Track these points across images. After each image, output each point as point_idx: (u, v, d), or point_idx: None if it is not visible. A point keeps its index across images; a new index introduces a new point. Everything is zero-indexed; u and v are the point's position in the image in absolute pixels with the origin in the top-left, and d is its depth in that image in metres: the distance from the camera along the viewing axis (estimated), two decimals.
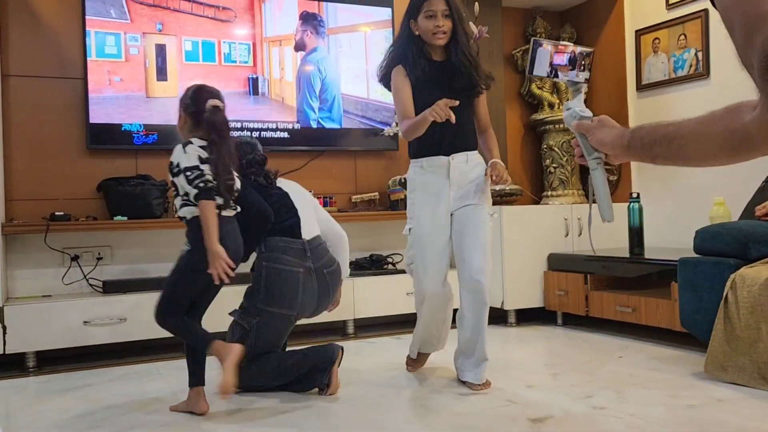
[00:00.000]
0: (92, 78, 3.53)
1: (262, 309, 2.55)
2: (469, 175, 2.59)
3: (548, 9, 4.71)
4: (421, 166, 2.59)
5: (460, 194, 2.58)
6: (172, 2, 3.71)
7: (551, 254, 3.98)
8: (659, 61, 4.11)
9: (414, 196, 2.62)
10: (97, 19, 3.55)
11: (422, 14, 2.52)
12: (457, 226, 2.59)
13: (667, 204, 4.07)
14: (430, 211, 2.57)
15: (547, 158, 4.53)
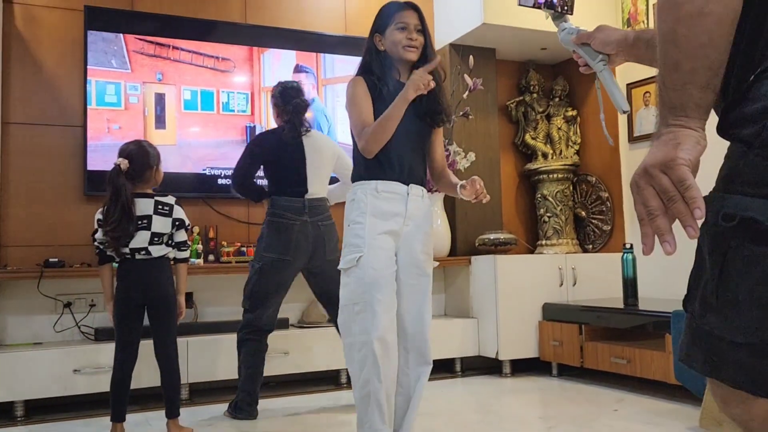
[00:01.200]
0: (91, 126, 3.57)
1: (263, 255, 3.05)
2: (424, 212, 2.29)
3: (541, 62, 4.81)
4: (375, 189, 2.21)
5: (410, 239, 2.25)
6: (173, 53, 3.78)
7: (546, 304, 3.97)
8: (650, 114, 4.18)
9: (365, 221, 2.19)
10: (98, 69, 3.61)
11: (392, 26, 2.26)
12: (403, 274, 2.25)
13: (661, 254, 4.07)
14: (382, 240, 2.18)
15: (542, 207, 4.56)
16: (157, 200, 2.69)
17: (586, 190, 4.60)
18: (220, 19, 3.96)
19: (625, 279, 3.64)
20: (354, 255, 2.17)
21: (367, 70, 2.30)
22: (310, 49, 4.12)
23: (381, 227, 2.20)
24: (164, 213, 2.69)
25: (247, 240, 3.92)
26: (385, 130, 2.17)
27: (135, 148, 2.70)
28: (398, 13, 2.27)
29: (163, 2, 3.86)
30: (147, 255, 2.65)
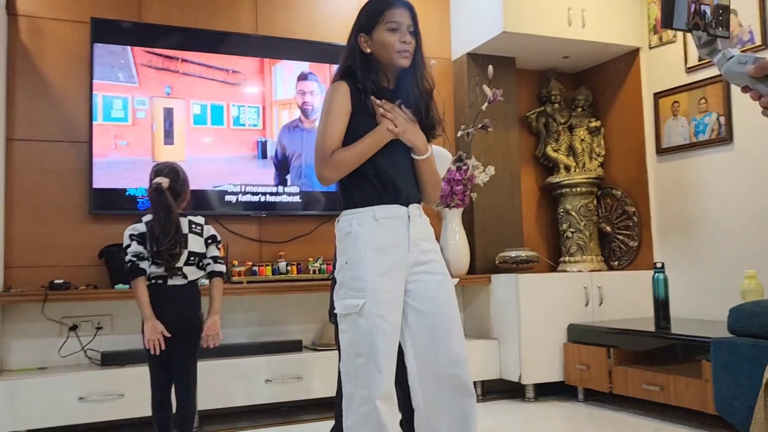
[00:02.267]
0: (97, 142, 3.45)
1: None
2: (425, 232, 2.01)
3: (563, 71, 4.64)
4: (372, 218, 1.90)
5: (418, 258, 1.96)
6: (182, 65, 3.65)
7: (571, 325, 3.79)
8: (679, 125, 4.00)
9: (361, 258, 1.89)
10: (105, 83, 3.49)
11: (382, 26, 1.94)
12: (417, 302, 1.94)
13: (692, 272, 3.90)
14: (387, 280, 1.89)
15: (564, 222, 4.39)
16: (190, 219, 2.68)
17: (611, 205, 4.41)
18: (231, 31, 3.83)
19: (657, 299, 3.46)
20: (355, 301, 1.87)
21: (350, 74, 1.97)
22: (322, 60, 3.98)
23: (384, 264, 1.89)
24: (197, 232, 2.68)
25: (259, 259, 3.78)
26: (353, 165, 1.92)
27: (172, 168, 2.68)
28: (389, 10, 1.95)
29: (171, 14, 3.73)
30: (182, 279, 2.61)
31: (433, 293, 1.94)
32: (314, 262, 3.75)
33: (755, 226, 3.55)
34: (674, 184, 4.03)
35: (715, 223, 3.78)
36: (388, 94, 1.99)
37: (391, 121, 1.92)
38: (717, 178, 3.78)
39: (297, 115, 3.90)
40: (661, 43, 4.12)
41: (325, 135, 1.91)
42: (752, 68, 1.10)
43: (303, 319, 3.84)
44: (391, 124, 1.92)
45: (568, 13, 4.01)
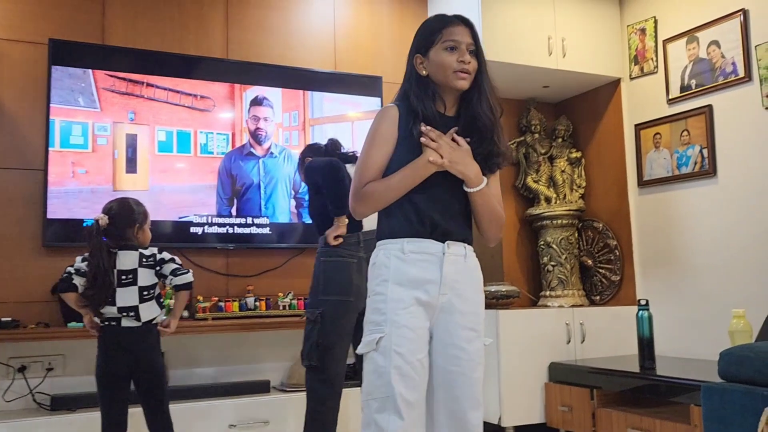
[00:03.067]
0: (54, 170, 3.25)
1: (323, 299, 2.73)
2: (466, 276, 1.80)
3: (543, 100, 4.55)
4: (400, 250, 1.75)
5: (449, 312, 1.76)
6: (147, 90, 3.48)
7: (552, 364, 3.64)
8: (661, 157, 3.90)
9: (386, 291, 1.73)
10: (64, 108, 3.30)
11: (439, 45, 1.78)
12: (440, 357, 1.75)
13: (676, 308, 3.77)
14: (410, 315, 1.71)
15: (545, 255, 4.25)
16: (141, 252, 2.57)
17: (593, 237, 4.29)
18: (201, 55, 3.68)
19: (641, 338, 3.32)
20: (373, 336, 1.70)
21: (404, 99, 1.82)
22: (296, 86, 3.84)
23: (408, 298, 1.72)
24: (149, 265, 2.56)
25: (226, 294, 3.58)
26: (385, 201, 1.76)
27: (118, 205, 2.59)
28: (447, 29, 1.79)
29: (137, 36, 3.57)
30: (135, 320, 2.49)
31: (460, 351, 1.75)
32: (284, 297, 3.57)
33: (740, 261, 3.44)
34: (657, 218, 3.92)
35: (699, 257, 3.67)
36: (445, 120, 1.82)
37: (435, 151, 1.73)
38: (700, 212, 3.67)
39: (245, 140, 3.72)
40: (642, 74, 4.04)
41: (362, 165, 1.78)
42: None
43: (272, 357, 3.64)
44: (434, 154, 1.73)
45: (549, 42, 3.92)
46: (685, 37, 3.76)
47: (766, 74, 3.32)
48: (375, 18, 4.16)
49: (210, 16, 3.76)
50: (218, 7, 3.78)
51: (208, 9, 3.76)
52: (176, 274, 2.58)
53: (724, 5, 3.54)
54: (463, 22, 1.82)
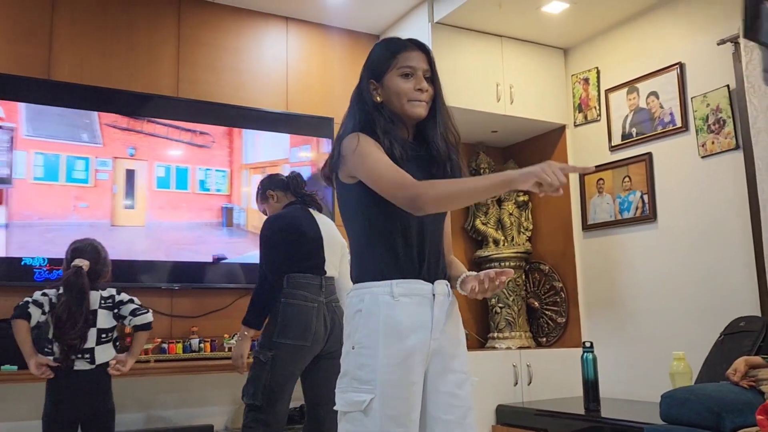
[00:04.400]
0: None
1: (277, 342, 2.67)
2: (452, 317, 1.67)
3: (491, 145, 4.65)
4: (390, 293, 1.58)
5: (441, 357, 1.63)
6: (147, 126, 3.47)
7: (500, 406, 3.64)
8: (604, 202, 4.02)
9: (377, 344, 1.56)
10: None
11: (394, 71, 1.67)
12: (432, 406, 1.62)
13: (619, 351, 3.84)
14: (403, 372, 1.55)
15: (493, 297, 4.29)
16: (101, 295, 2.57)
17: (539, 280, 4.36)
18: (150, 92, 3.64)
19: (586, 380, 3.37)
20: (361, 396, 1.53)
21: (367, 127, 1.65)
22: (247, 126, 3.83)
23: (401, 352, 1.55)
24: (107, 306, 2.56)
25: (169, 335, 3.49)
26: (461, 199, 1.56)
27: (93, 248, 2.60)
28: (402, 54, 1.68)
29: (84, 72, 3.52)
30: (89, 362, 2.46)
31: (453, 398, 1.63)
32: (230, 338, 3.49)
33: (681, 305, 3.54)
34: (601, 261, 4.02)
35: (641, 301, 3.76)
36: (413, 148, 1.68)
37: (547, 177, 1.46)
38: (642, 256, 3.78)
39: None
40: (586, 121, 4.18)
41: (387, 167, 1.56)
42: None
43: (216, 400, 3.55)
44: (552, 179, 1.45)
45: (497, 88, 4.03)
46: (626, 88, 3.92)
47: (701, 125, 3.48)
48: (327, 60, 4.21)
49: (161, 54, 3.75)
50: (169, 45, 3.77)
51: (159, 47, 3.75)
52: (135, 314, 2.57)
53: (661, 58, 3.71)
54: (418, 46, 1.71)
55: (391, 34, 4.22)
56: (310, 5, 4.01)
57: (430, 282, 1.62)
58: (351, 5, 4.00)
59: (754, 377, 2.47)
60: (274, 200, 2.98)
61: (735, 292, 3.28)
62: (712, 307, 3.36)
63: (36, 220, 3.24)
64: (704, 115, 3.46)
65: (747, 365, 2.51)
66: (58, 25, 3.50)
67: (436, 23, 3.90)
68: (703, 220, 3.46)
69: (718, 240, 3.38)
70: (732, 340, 2.98)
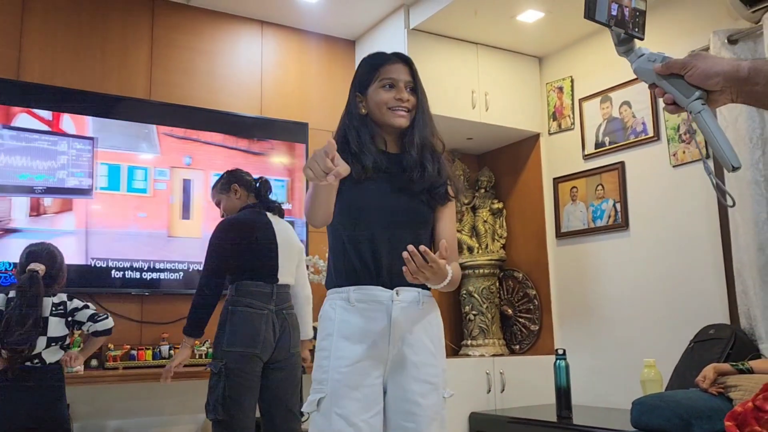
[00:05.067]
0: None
1: (226, 350, 2.64)
2: (420, 325, 1.67)
3: (466, 152, 4.67)
4: (345, 299, 1.64)
5: (401, 365, 1.64)
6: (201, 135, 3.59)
7: (473, 413, 3.64)
8: (578, 210, 4.05)
9: (329, 345, 1.62)
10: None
11: (376, 83, 1.75)
12: (393, 414, 1.63)
13: (592, 358, 3.86)
14: (355, 373, 1.59)
15: (467, 305, 4.30)
16: (53, 302, 2.53)
17: (513, 287, 4.37)
18: (122, 95, 3.59)
19: (558, 388, 3.37)
20: (315, 396, 1.60)
21: (343, 141, 1.74)
22: (222, 131, 3.79)
23: (354, 354, 1.59)
24: (60, 313, 2.50)
25: (139, 342, 3.43)
26: (311, 208, 1.58)
27: (50, 252, 2.57)
28: (385, 66, 1.77)
29: (55, 73, 3.46)
30: (38, 363, 2.39)
31: (414, 407, 1.62)
32: (201, 345, 3.45)
33: (651, 312, 3.57)
34: (573, 269, 4.04)
35: (613, 308, 3.79)
36: (388, 158, 1.75)
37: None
38: (614, 264, 3.81)
39: None
40: (560, 129, 4.21)
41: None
42: (659, 66, 1.12)
43: (186, 409, 3.49)
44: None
45: (472, 96, 4.05)
46: (600, 97, 3.96)
47: (672, 134, 3.52)
48: (303, 65, 4.19)
49: (133, 56, 3.70)
50: (142, 47, 3.73)
51: (132, 49, 3.70)
52: (95, 319, 2.53)
53: None
54: (401, 59, 1.80)
55: (367, 39, 4.22)
56: (285, 9, 4.00)
57: (390, 289, 1.65)
58: (327, 10, 3.99)
59: (722, 384, 2.51)
60: (236, 196, 2.92)
61: (705, 300, 3.32)
62: (683, 314, 3.39)
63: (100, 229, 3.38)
64: (676, 125, 3.50)
65: (716, 372, 2.55)
66: (28, 25, 3.44)
67: (412, 29, 3.90)
68: (674, 228, 3.50)
69: (688, 248, 3.42)
70: (702, 347, 3.02)
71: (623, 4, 1.18)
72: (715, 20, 3.33)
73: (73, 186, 3.35)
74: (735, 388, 2.46)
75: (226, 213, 2.94)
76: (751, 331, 3.02)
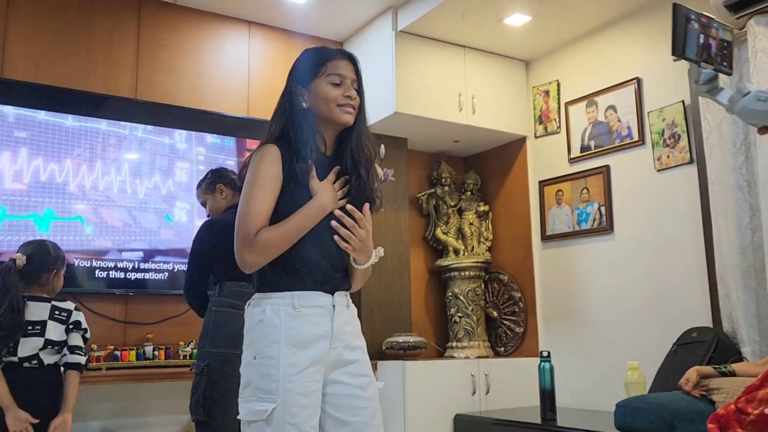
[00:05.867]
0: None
1: (209, 351, 2.61)
2: (351, 326, 1.72)
3: (453, 154, 4.68)
4: (291, 305, 1.62)
5: (342, 356, 1.67)
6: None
7: (458, 415, 3.65)
8: (563, 213, 4.07)
9: (278, 354, 1.59)
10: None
11: (322, 78, 1.71)
12: (337, 411, 1.65)
13: (576, 360, 3.88)
14: (304, 380, 1.59)
15: (452, 307, 4.30)
16: (54, 305, 2.52)
17: (498, 290, 4.39)
18: (108, 93, 3.56)
19: (543, 390, 3.39)
20: (263, 406, 1.56)
21: (284, 135, 1.69)
22: (208, 130, 3.78)
23: (302, 361, 1.59)
24: (61, 319, 2.51)
25: (123, 342, 3.41)
26: (281, 248, 1.62)
27: (36, 248, 2.55)
28: (332, 62, 1.71)
29: (39, 71, 3.43)
30: (36, 364, 2.43)
31: (358, 400, 1.66)
32: (185, 346, 3.43)
33: (635, 315, 3.60)
34: (558, 271, 4.06)
35: (598, 311, 3.82)
36: (326, 159, 1.72)
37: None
38: (599, 267, 3.84)
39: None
40: (546, 133, 4.23)
41: (249, 212, 1.60)
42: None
43: (169, 410, 3.47)
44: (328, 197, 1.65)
45: (459, 98, 4.06)
46: (585, 101, 3.99)
47: (657, 139, 3.55)
48: (290, 65, 4.16)
49: (119, 55, 3.67)
50: (128, 45, 3.70)
51: (118, 47, 3.67)
52: (74, 351, 2.52)
53: (620, 73, 3.79)
54: (347, 56, 1.75)
55: (354, 41, 4.22)
56: (273, 10, 3.99)
57: (330, 294, 1.67)
58: (315, 11, 3.98)
59: (705, 386, 2.52)
60: (221, 196, 2.89)
61: (688, 304, 3.35)
62: (666, 318, 3.42)
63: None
64: (660, 129, 3.53)
65: (699, 375, 2.56)
66: (12, 22, 3.41)
67: (400, 32, 3.91)
68: (658, 232, 3.53)
69: (672, 252, 3.45)
70: (685, 350, 3.05)
71: (710, 35, 1.07)
72: None
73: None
74: (717, 390, 2.48)
75: (212, 213, 2.92)
76: (734, 334, 3.05)
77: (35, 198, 3.27)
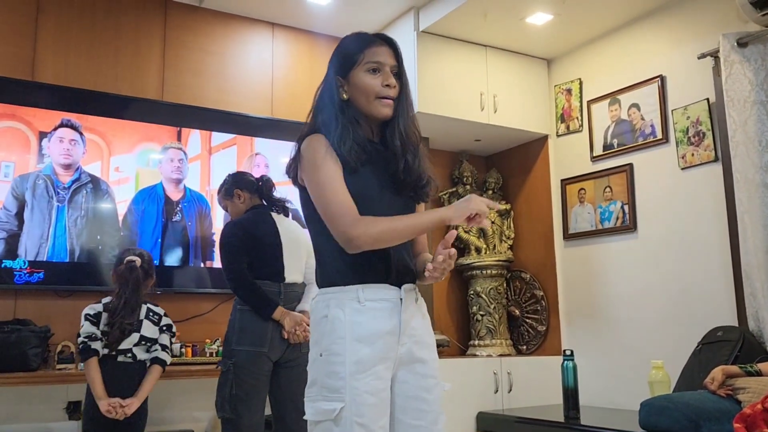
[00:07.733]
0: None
1: (235, 349, 2.69)
2: (421, 321, 1.65)
3: (474, 153, 4.69)
4: (356, 299, 1.56)
5: (411, 352, 1.61)
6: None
7: (480, 413, 3.66)
8: (585, 212, 4.06)
9: (345, 351, 1.53)
10: None
11: (360, 66, 1.63)
12: (402, 413, 1.60)
13: (599, 359, 3.88)
14: (372, 378, 1.53)
15: (474, 305, 4.32)
16: (149, 307, 2.79)
17: (520, 288, 4.39)
18: (135, 95, 3.63)
19: (566, 388, 3.39)
20: (331, 405, 1.49)
21: (329, 127, 1.62)
22: (232, 131, 3.83)
23: (369, 358, 1.53)
24: (153, 320, 2.78)
25: None
26: (398, 238, 1.55)
27: (143, 255, 2.83)
28: (370, 49, 1.64)
29: (68, 74, 3.50)
30: (130, 358, 2.68)
31: (423, 403, 1.60)
32: (212, 344, 3.48)
33: (659, 314, 3.59)
34: (581, 270, 4.06)
35: (621, 310, 3.81)
36: (375, 150, 1.65)
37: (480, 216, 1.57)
38: (622, 266, 3.83)
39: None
40: (568, 131, 4.23)
41: (333, 195, 1.54)
42: None
43: (196, 406, 3.52)
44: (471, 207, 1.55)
45: (481, 98, 4.07)
46: (608, 99, 3.97)
47: (681, 137, 3.54)
48: (313, 66, 4.22)
49: (146, 57, 3.73)
50: (155, 48, 3.76)
51: (145, 50, 3.73)
52: (164, 348, 2.77)
53: (643, 71, 3.77)
54: (386, 41, 1.67)
55: None
56: (296, 11, 4.02)
57: (397, 286, 1.60)
58: (337, 12, 4.01)
59: (731, 386, 2.52)
60: (240, 200, 2.94)
61: (712, 302, 3.33)
62: (690, 316, 3.41)
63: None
64: (684, 127, 3.52)
65: (724, 374, 2.56)
66: (42, 26, 3.48)
67: (422, 32, 3.93)
68: (682, 230, 3.51)
69: (696, 251, 3.43)
70: (710, 349, 3.03)
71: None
72: (724, 23, 3.34)
73: None
74: (743, 390, 2.47)
75: (232, 217, 2.98)
76: (760, 333, 3.03)
77: None
